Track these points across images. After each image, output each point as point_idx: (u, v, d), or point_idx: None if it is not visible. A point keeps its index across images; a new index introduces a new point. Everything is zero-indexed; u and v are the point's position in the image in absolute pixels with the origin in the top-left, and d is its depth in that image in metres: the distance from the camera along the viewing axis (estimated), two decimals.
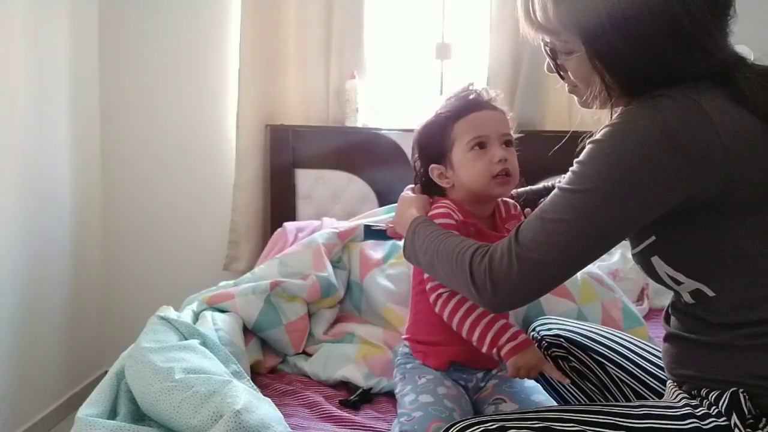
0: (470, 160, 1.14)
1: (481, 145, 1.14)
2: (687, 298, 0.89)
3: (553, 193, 0.87)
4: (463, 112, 1.15)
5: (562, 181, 0.88)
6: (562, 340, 1.20)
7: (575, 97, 0.98)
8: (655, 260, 0.89)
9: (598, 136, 0.83)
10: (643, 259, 0.91)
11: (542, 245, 0.84)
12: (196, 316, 1.50)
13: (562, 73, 0.96)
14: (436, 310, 1.13)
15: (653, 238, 0.87)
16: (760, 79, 0.83)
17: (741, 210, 0.81)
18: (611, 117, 0.89)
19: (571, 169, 0.86)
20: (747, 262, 0.82)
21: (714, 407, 0.83)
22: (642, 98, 0.83)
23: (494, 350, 1.07)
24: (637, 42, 0.83)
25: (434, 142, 1.19)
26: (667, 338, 0.96)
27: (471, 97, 1.17)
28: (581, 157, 0.85)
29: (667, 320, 0.97)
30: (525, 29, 0.93)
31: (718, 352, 0.86)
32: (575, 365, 1.17)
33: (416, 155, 1.24)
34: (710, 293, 0.85)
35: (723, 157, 0.78)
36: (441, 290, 1.13)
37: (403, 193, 1.24)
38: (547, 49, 0.95)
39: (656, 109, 0.80)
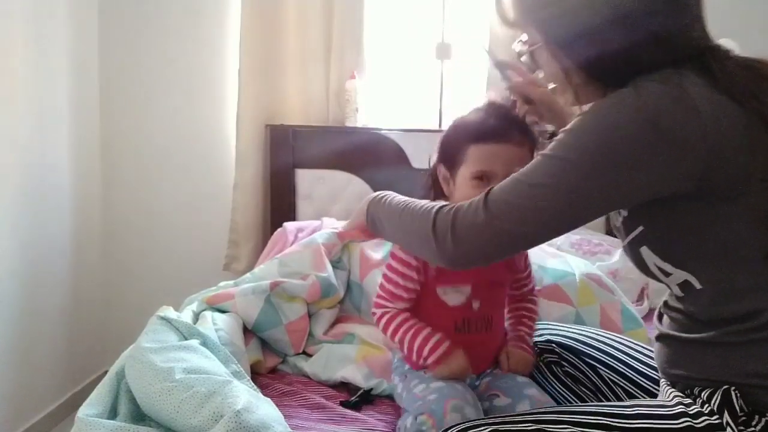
0: (469, 187, 1.12)
1: (485, 178, 1.11)
2: (676, 290, 0.90)
3: (534, 159, 0.87)
4: (482, 138, 1.11)
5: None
6: (553, 345, 1.21)
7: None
8: (644, 251, 0.89)
9: (587, 108, 0.84)
10: (632, 251, 0.92)
11: (513, 208, 0.85)
12: (196, 316, 1.49)
13: (536, 70, 1.00)
14: (375, 324, 1.22)
15: (641, 228, 0.88)
16: (739, 69, 0.84)
17: (723, 197, 0.81)
18: None
19: (556, 137, 0.86)
20: (731, 250, 0.82)
21: (706, 405, 0.84)
22: (628, 84, 0.83)
23: (421, 362, 1.13)
24: (585, 30, 0.85)
25: (450, 149, 1.17)
26: (660, 338, 0.96)
27: (498, 125, 1.12)
28: (569, 126, 0.85)
29: (659, 319, 0.98)
30: (501, 30, 1.01)
31: (709, 350, 0.86)
32: (568, 370, 1.18)
33: (438, 147, 1.21)
34: (697, 285, 0.85)
35: (704, 141, 0.78)
36: (375, 309, 1.20)
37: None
38: (517, 50, 0.99)
39: (641, 93, 0.80)
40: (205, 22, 2.46)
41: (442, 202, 0.96)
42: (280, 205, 2.39)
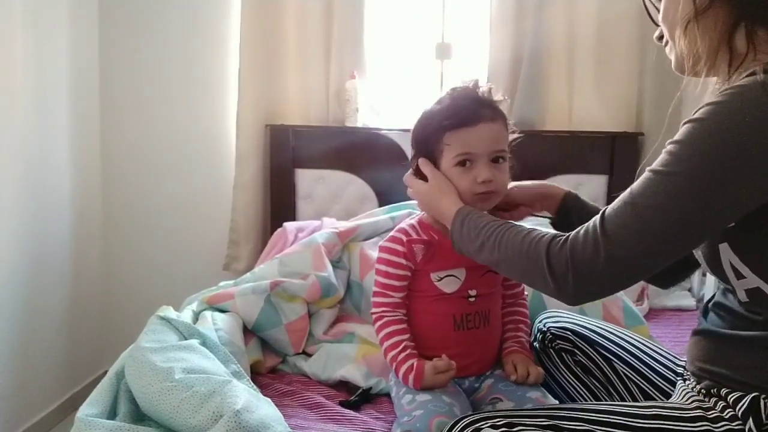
0: (455, 174, 1.12)
1: (468, 161, 1.11)
2: (741, 295, 0.85)
3: (643, 176, 0.81)
4: (455, 125, 1.11)
5: (653, 163, 0.81)
6: (569, 333, 1.19)
7: (673, 58, 0.93)
8: (723, 247, 0.84)
9: (698, 114, 0.78)
10: (710, 244, 0.86)
11: (634, 234, 0.79)
12: (196, 316, 1.49)
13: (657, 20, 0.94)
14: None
15: (731, 223, 0.81)
16: None
17: None
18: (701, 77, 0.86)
19: (665, 150, 0.80)
20: None
21: (729, 410, 0.82)
22: (750, 76, 0.78)
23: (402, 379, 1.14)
24: None
25: (428, 142, 1.16)
26: (700, 332, 0.93)
27: (467, 107, 1.12)
28: (678, 136, 0.79)
29: (704, 315, 0.95)
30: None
31: (751, 350, 0.83)
32: (580, 359, 1.16)
33: (413, 143, 1.21)
34: None
35: None
36: (372, 309, 1.19)
37: (408, 176, 1.19)
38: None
39: (766, 88, 0.74)
40: (205, 22, 2.45)
41: (546, 231, 0.90)
42: (280, 205, 2.40)
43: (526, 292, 1.34)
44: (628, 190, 0.82)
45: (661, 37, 0.96)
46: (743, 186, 0.76)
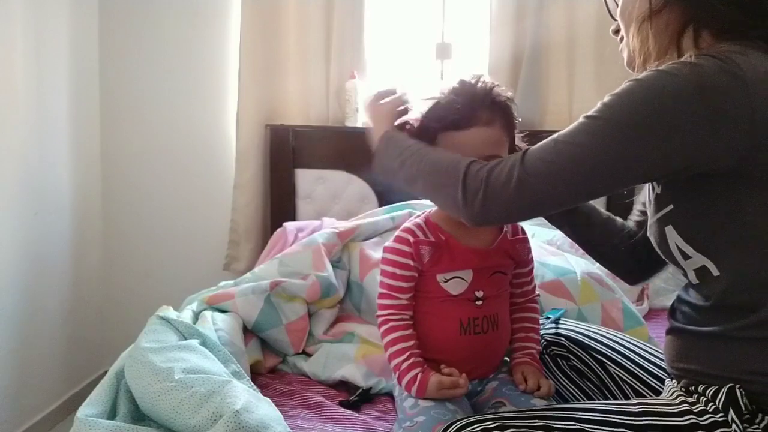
0: None
1: None
2: (692, 276, 0.89)
3: (578, 120, 0.86)
4: (446, 127, 1.08)
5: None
6: (562, 338, 1.20)
7: (624, 56, 0.98)
8: (669, 230, 0.88)
9: (640, 76, 0.83)
10: (658, 229, 0.91)
11: (548, 165, 0.84)
12: (196, 316, 1.50)
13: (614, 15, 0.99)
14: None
15: (671, 206, 0.87)
16: None
17: (761, 183, 0.80)
18: None
19: (601, 100, 0.85)
20: (757, 239, 0.82)
21: (711, 403, 0.84)
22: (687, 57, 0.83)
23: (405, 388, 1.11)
24: None
25: (426, 136, 1.11)
26: (671, 332, 0.96)
27: (460, 110, 1.07)
28: (616, 90, 0.84)
29: (672, 314, 0.97)
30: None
31: (715, 345, 0.86)
32: (575, 364, 1.18)
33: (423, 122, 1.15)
34: (715, 272, 0.85)
35: (751, 118, 0.77)
36: (378, 312, 1.15)
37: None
38: None
39: (697, 67, 0.79)
40: (205, 22, 2.46)
41: (470, 158, 0.94)
42: (280, 205, 2.40)
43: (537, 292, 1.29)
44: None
45: (616, 31, 1.01)
46: (660, 144, 0.80)
